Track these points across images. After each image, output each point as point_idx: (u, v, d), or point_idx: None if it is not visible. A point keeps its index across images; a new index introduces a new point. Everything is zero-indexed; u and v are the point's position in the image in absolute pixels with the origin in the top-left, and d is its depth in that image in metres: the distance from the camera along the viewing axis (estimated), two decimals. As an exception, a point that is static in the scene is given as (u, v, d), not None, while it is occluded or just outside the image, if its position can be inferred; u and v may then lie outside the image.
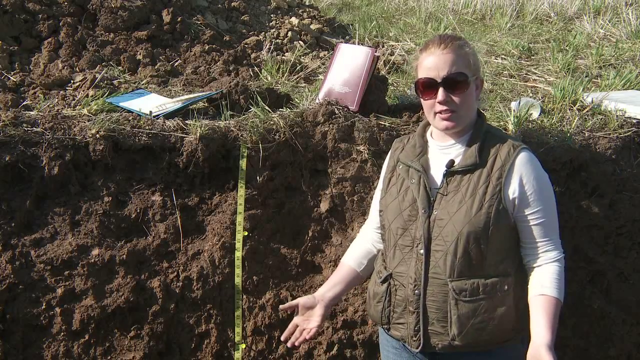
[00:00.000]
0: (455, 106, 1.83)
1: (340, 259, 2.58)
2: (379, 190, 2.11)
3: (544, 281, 1.83)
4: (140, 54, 3.32)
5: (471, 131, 1.90)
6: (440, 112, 1.86)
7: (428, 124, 2.00)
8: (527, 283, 1.88)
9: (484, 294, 1.82)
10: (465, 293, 1.82)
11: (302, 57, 3.79)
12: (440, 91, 1.82)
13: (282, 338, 2.06)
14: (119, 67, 3.22)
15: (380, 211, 2.03)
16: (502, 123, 2.68)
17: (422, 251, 1.86)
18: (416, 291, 1.87)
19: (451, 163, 1.88)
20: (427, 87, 1.85)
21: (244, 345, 2.51)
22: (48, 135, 2.44)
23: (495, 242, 1.83)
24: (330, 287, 2.08)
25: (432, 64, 1.83)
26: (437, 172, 1.92)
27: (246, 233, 2.52)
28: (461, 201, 1.83)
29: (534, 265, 1.87)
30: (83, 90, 2.82)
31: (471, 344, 1.84)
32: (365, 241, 2.17)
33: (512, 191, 1.82)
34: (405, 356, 2.02)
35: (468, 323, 1.83)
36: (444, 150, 1.93)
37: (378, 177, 2.41)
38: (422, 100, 1.91)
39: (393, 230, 1.95)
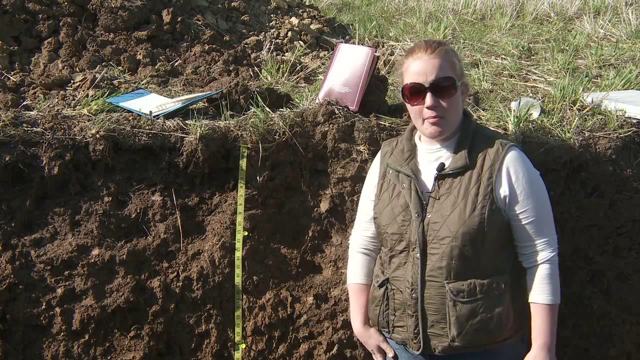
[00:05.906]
0: (443, 111, 1.83)
1: (340, 259, 2.59)
2: (367, 196, 2.09)
3: (537, 286, 1.85)
4: (140, 54, 3.33)
5: (459, 133, 1.90)
6: (428, 118, 1.85)
7: (415, 127, 1.99)
8: (523, 281, 1.89)
9: (482, 294, 1.83)
10: (463, 294, 1.82)
11: (302, 57, 3.79)
12: (429, 96, 1.81)
13: None
14: (119, 67, 3.22)
15: (375, 218, 2.03)
16: (502, 123, 2.68)
17: (418, 255, 1.86)
18: (414, 295, 1.87)
19: (442, 166, 1.88)
20: (415, 92, 1.84)
21: (244, 345, 2.51)
22: (48, 135, 2.44)
23: (490, 241, 1.83)
24: (362, 313, 2.12)
25: (419, 68, 1.83)
26: (428, 176, 1.91)
27: (246, 233, 2.52)
28: (454, 203, 1.83)
29: (527, 266, 1.89)
30: (83, 90, 2.81)
31: (471, 344, 1.85)
32: (358, 249, 2.15)
33: (503, 190, 1.82)
34: (405, 357, 2.03)
35: (467, 324, 1.83)
36: (433, 153, 1.93)
37: (378, 177, 2.41)
38: (409, 106, 1.90)
39: (388, 236, 1.95)
